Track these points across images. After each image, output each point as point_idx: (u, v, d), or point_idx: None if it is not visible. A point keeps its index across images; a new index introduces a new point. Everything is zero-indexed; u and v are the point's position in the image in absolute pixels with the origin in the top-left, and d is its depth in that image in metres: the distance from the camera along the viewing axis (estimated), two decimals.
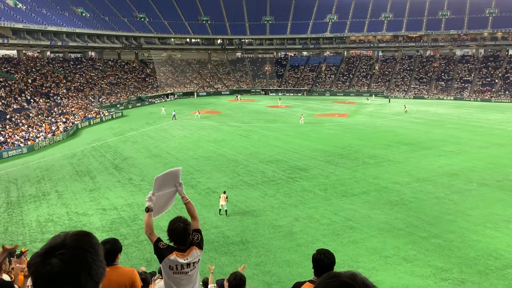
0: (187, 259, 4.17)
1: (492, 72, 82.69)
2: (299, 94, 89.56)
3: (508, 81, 78.99)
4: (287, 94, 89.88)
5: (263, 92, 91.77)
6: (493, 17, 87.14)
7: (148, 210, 4.26)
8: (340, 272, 1.42)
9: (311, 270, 4.14)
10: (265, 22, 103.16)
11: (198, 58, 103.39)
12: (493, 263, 15.33)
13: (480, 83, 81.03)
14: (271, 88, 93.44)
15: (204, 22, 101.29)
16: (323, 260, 3.99)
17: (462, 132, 42.36)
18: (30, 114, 48.51)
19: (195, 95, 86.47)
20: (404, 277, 14.59)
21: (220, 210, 21.01)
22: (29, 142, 39.38)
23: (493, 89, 78.12)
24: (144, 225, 4.31)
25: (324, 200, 22.87)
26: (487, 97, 75.80)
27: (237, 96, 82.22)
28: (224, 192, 21.62)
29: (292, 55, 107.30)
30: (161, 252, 4.18)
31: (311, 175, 27.66)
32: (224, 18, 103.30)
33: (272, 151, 34.97)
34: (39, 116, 48.71)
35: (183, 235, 4.16)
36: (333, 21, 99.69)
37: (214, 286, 8.69)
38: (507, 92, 76.08)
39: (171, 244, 4.24)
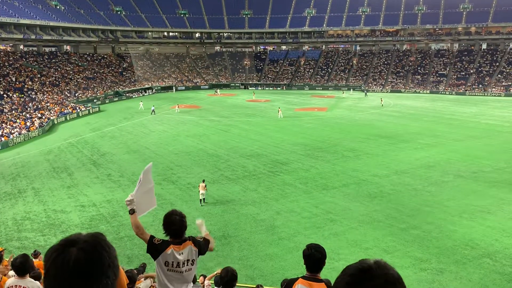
0: (182, 253, 4.17)
1: (466, 66, 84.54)
2: (278, 89, 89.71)
3: (481, 74, 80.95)
4: (266, 89, 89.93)
5: (243, 87, 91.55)
6: (467, 12, 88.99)
7: (132, 212, 4.28)
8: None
9: (293, 263, 4.18)
10: (244, 16, 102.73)
11: (176, 52, 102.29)
12: (469, 253, 15.75)
13: (455, 76, 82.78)
14: (250, 82, 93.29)
15: (182, 15, 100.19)
16: (314, 255, 4.01)
17: (438, 125, 43.23)
18: (4, 110, 47.19)
19: (174, 89, 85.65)
20: None
21: (200, 201, 21.38)
22: (3, 139, 38.31)
23: (468, 83, 79.93)
24: (133, 227, 4.29)
25: (305, 193, 23.03)
26: (461, 91, 77.54)
27: (216, 91, 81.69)
28: (203, 181, 21.82)
29: (271, 49, 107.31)
30: (157, 248, 4.17)
31: (292, 168, 27.80)
32: (202, 12, 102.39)
33: (253, 145, 34.98)
34: (13, 112, 47.45)
35: (180, 227, 4.20)
36: (311, 15, 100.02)
37: (212, 283, 8.63)
38: (480, 86, 77.99)
39: (166, 238, 4.25)
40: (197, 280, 9.13)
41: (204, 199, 21.56)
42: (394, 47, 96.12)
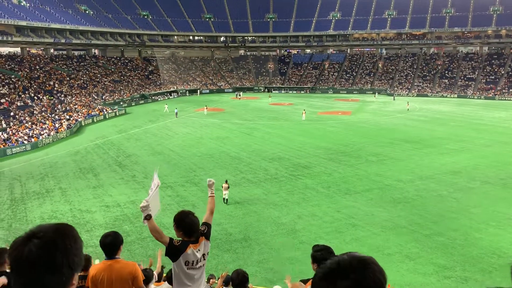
0: (199, 250, 4.33)
1: (496, 70, 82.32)
2: (302, 92, 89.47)
3: None
4: (290, 92, 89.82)
5: (266, 90, 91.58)
6: (497, 15, 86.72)
7: (150, 217, 4.28)
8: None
9: None
10: (268, 20, 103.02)
11: (201, 55, 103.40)
12: (496, 261, 15.30)
13: (484, 80, 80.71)
14: (274, 85, 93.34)
15: (207, 19, 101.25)
16: (321, 255, 4.11)
17: (466, 130, 42.22)
18: (34, 111, 48.67)
19: (198, 92, 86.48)
20: (407, 275, 14.59)
21: (224, 199, 21.98)
22: (32, 139, 39.50)
23: (497, 87, 77.79)
24: (152, 232, 4.28)
25: (327, 197, 22.86)
26: (491, 95, 75.50)
27: (237, 94, 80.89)
28: (226, 182, 22.17)
29: (295, 52, 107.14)
30: (178, 249, 4.29)
31: (314, 172, 27.64)
32: (227, 16, 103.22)
33: (275, 148, 34.96)
34: (43, 113, 48.86)
35: (197, 227, 4.39)
36: (336, 18, 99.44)
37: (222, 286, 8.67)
38: (511, 90, 75.75)
39: (180, 238, 4.39)
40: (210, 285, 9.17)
41: (227, 199, 22.04)
42: (421, 51, 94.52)
